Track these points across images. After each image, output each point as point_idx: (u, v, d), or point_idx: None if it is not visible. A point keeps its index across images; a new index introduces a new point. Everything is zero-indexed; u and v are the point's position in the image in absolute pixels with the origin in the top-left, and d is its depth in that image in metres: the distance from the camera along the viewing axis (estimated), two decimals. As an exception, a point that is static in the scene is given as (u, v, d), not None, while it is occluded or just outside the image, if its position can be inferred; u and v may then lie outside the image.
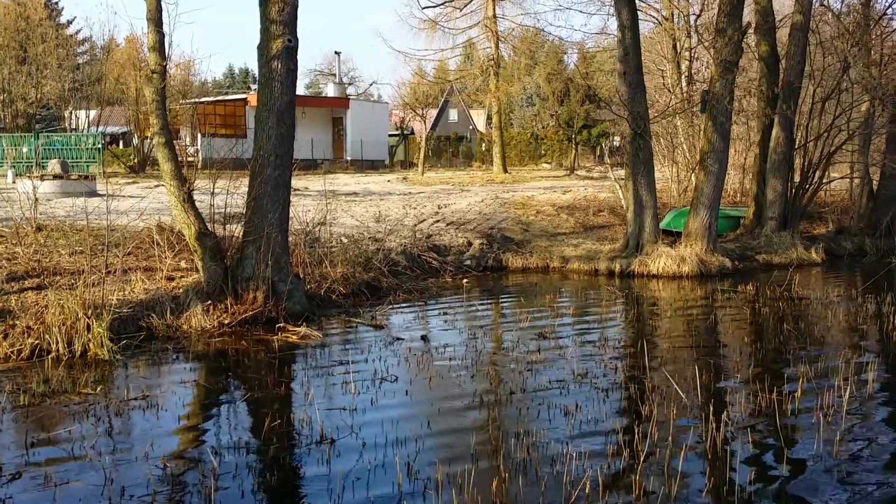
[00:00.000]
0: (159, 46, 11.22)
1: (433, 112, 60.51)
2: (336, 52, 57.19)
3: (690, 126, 25.47)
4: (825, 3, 21.49)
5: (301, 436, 6.86)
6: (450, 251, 17.00)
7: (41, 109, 44.11)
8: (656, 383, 8.34)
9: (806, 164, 20.17)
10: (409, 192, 27.65)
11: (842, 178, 23.06)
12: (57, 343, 9.21)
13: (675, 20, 30.56)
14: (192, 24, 18.07)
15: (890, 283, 15.17)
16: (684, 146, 25.77)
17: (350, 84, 64.76)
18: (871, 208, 21.13)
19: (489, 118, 53.71)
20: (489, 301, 13.96)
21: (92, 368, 8.90)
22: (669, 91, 28.92)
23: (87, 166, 31.99)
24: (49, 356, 9.12)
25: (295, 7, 11.50)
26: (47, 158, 27.71)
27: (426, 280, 15.03)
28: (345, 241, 15.65)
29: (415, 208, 21.76)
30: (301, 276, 12.28)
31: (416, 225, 18.91)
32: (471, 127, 66.96)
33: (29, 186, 15.65)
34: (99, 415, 7.37)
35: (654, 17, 31.51)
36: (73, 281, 10.88)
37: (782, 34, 21.56)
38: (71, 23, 54.18)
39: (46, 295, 10.35)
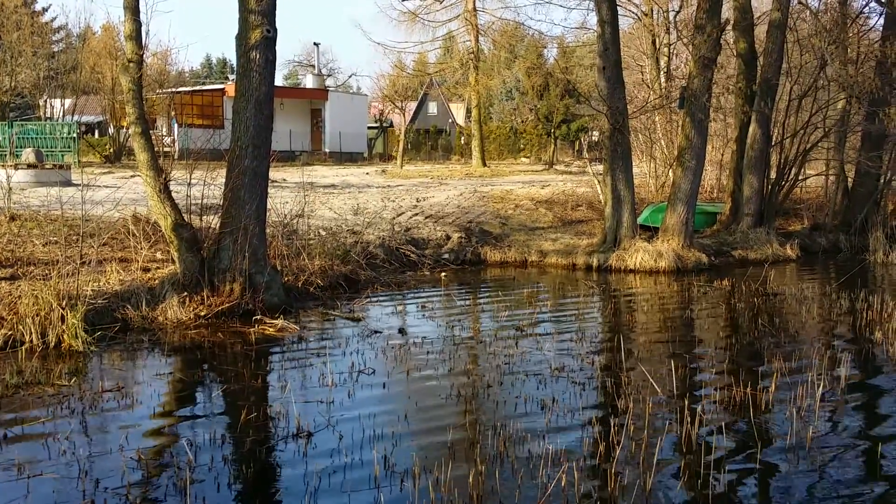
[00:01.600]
0: (136, 35, 11.11)
1: (412, 105, 60.43)
2: (315, 44, 56.88)
3: (668, 122, 25.61)
4: (803, 0, 21.64)
5: (277, 428, 6.84)
6: (428, 244, 16.99)
7: (15, 98, 43.50)
8: (632, 377, 8.38)
9: (782, 160, 20.32)
10: (388, 185, 27.59)
11: (817, 175, 23.28)
12: (30, 334, 9.13)
13: (655, 16, 30.71)
14: (171, 12, 17.83)
15: (863, 280, 15.34)
16: (662, 142, 25.92)
17: (329, 76, 64.42)
18: (846, 205, 21.32)
19: (468, 112, 53.69)
20: (467, 295, 13.96)
21: (66, 360, 8.83)
22: (648, 87, 29.05)
23: (62, 156, 31.62)
24: (22, 347, 9.03)
25: (274, -3, 11.43)
26: (21, 147, 27.37)
27: (404, 273, 15.02)
28: (323, 233, 15.60)
29: (393, 201, 21.72)
30: (278, 268, 12.23)
31: (394, 218, 18.88)
32: (450, 120, 66.92)
33: (2, 175, 15.48)
34: (73, 406, 7.30)
35: (633, 12, 31.65)
36: (47, 271, 10.76)
37: (760, 31, 21.70)
38: (46, 10, 53.61)
39: (20, 285, 10.24)
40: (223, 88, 44.57)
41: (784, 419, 7.11)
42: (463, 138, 58.37)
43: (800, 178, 21.18)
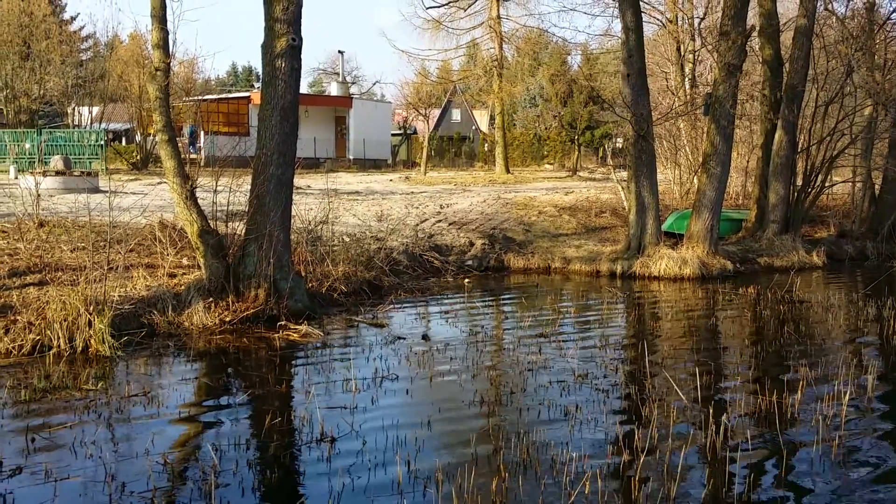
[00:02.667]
0: (163, 44, 11.23)
1: (436, 112, 60.55)
2: (340, 51, 57.25)
3: (693, 129, 25.50)
4: (829, 7, 21.50)
5: (301, 434, 6.87)
6: (451, 251, 17.01)
7: (44, 106, 44.14)
8: (657, 385, 8.35)
9: (808, 167, 20.18)
10: (412, 192, 27.65)
11: (844, 182, 23.09)
12: (58, 339, 9.23)
13: (679, 23, 30.58)
14: (197, 21, 18.03)
15: (891, 287, 15.17)
16: (687, 148, 25.80)
17: (353, 83, 64.76)
18: (873, 212, 21.13)
19: (492, 118, 53.66)
20: (490, 301, 13.96)
21: (93, 365, 8.92)
22: (673, 93, 28.95)
23: (90, 163, 32.00)
24: (50, 352, 9.14)
25: (299, 6, 11.51)
26: (50, 155, 27.72)
27: (428, 279, 15.05)
28: (347, 239, 15.66)
29: (417, 208, 21.77)
30: (303, 274, 12.30)
31: (418, 224, 18.92)
32: (473, 127, 66.98)
33: (31, 182, 15.66)
34: (100, 411, 7.38)
35: (658, 19, 31.53)
36: (74, 277, 10.89)
37: (786, 38, 21.58)
38: (74, 19, 54.42)
39: (48, 291, 10.36)
40: (249, 96, 44.88)
41: (810, 427, 7.04)
42: (486, 145, 58.37)
43: (826, 184, 21.03)
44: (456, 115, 69.97)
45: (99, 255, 11.46)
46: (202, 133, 38.56)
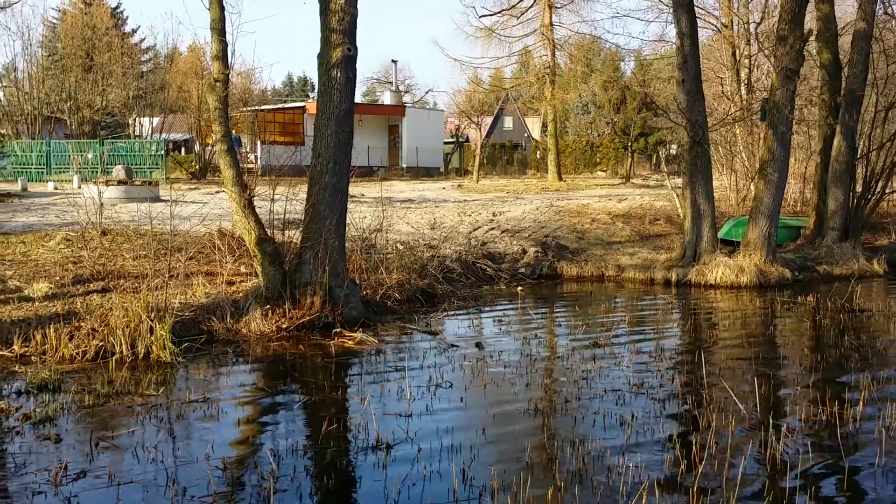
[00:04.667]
0: (222, 55, 11.44)
1: (488, 120, 60.59)
2: (393, 61, 57.68)
3: (750, 134, 25.15)
4: (889, 10, 21.05)
5: (357, 440, 6.94)
6: (504, 259, 17.01)
7: (106, 116, 45.20)
8: (714, 394, 8.25)
9: (868, 173, 19.75)
10: (464, 200, 27.71)
11: (905, 188, 22.50)
12: (121, 345, 9.45)
13: (735, 28, 30.20)
14: (255, 33, 18.33)
15: (957, 297, 14.76)
16: (743, 155, 25.44)
17: (406, 92, 65.14)
18: (937, 219, 20.59)
19: (544, 126, 53.57)
20: (544, 309, 13.93)
21: (154, 370, 9.11)
22: (728, 99, 28.58)
23: (151, 172, 32.70)
24: (113, 358, 9.36)
25: (355, 17, 11.65)
26: (112, 164, 28.40)
27: (481, 287, 15.07)
28: (400, 247, 15.76)
29: (469, 215, 21.81)
30: (357, 281, 12.41)
31: (470, 232, 18.97)
32: (525, 135, 66.89)
33: (94, 191, 16.07)
34: (161, 416, 7.54)
35: (713, 24, 31.19)
36: (136, 284, 11.15)
37: (844, 42, 21.18)
38: (135, 31, 55.59)
39: (111, 298, 10.64)
40: (304, 106, 45.43)
41: (872, 438, 6.90)
42: (538, 152, 58.25)
43: (887, 191, 20.54)
44: (508, 122, 69.95)
45: (160, 263, 11.72)
46: (258, 143, 39.19)
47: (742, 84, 29.08)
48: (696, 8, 18.08)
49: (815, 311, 13.36)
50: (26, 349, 9.41)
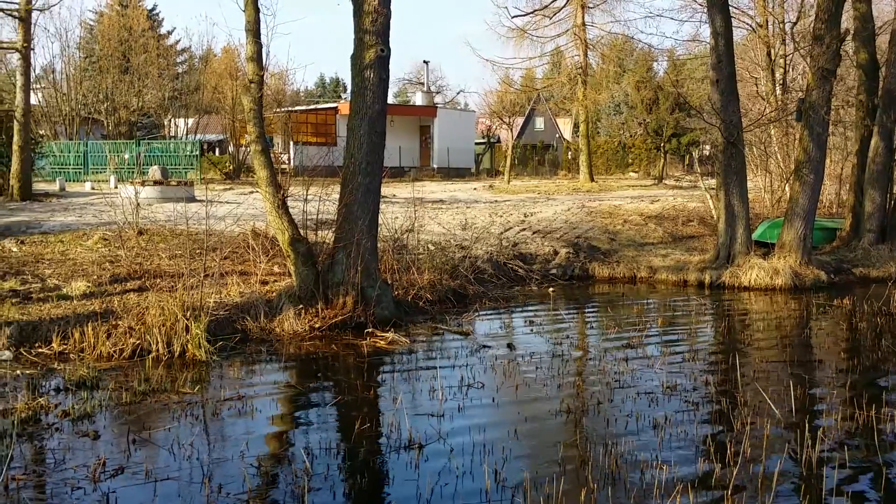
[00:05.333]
0: (257, 57, 11.56)
1: (520, 120, 60.40)
2: (424, 61, 57.63)
3: (785, 135, 24.87)
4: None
5: (390, 440, 6.98)
6: (536, 260, 16.98)
7: (142, 117, 45.71)
8: (748, 397, 8.18)
9: (906, 175, 19.46)
10: (495, 200, 27.68)
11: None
12: (157, 343, 9.58)
13: (770, 27, 29.88)
14: (289, 34, 18.45)
15: None
16: (778, 156, 25.16)
17: (438, 93, 65.12)
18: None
19: (576, 126, 53.36)
20: (575, 310, 13.90)
21: (190, 368, 9.22)
22: (763, 99, 28.29)
23: (186, 172, 33.00)
24: (149, 356, 9.49)
25: (388, 18, 11.70)
26: (148, 165, 28.73)
27: (512, 288, 15.06)
28: (432, 248, 15.80)
29: (501, 216, 21.79)
30: (389, 282, 12.46)
31: (502, 233, 18.96)
32: (557, 135, 66.63)
33: (131, 191, 16.28)
34: (196, 414, 7.64)
35: (747, 24, 30.85)
36: (172, 283, 11.29)
37: (882, 41, 20.88)
38: (171, 33, 56.15)
39: (147, 296, 10.78)
40: (336, 107, 45.64)
41: (911, 444, 6.81)
42: (570, 153, 58.00)
43: (926, 192, 20.21)
44: (539, 123, 69.72)
45: (195, 263, 11.85)
46: (291, 143, 39.45)
47: (777, 84, 28.76)
48: (730, 7, 17.92)
49: (850, 313, 13.19)
50: (65, 347, 9.57)
